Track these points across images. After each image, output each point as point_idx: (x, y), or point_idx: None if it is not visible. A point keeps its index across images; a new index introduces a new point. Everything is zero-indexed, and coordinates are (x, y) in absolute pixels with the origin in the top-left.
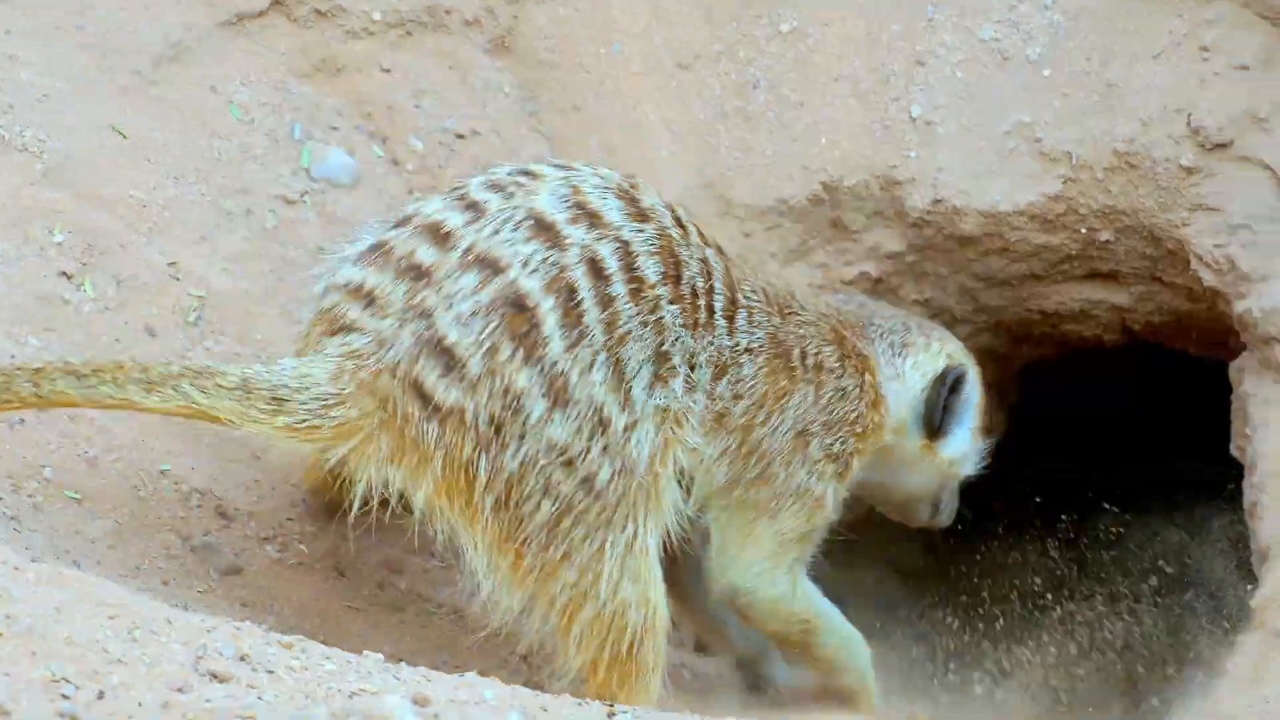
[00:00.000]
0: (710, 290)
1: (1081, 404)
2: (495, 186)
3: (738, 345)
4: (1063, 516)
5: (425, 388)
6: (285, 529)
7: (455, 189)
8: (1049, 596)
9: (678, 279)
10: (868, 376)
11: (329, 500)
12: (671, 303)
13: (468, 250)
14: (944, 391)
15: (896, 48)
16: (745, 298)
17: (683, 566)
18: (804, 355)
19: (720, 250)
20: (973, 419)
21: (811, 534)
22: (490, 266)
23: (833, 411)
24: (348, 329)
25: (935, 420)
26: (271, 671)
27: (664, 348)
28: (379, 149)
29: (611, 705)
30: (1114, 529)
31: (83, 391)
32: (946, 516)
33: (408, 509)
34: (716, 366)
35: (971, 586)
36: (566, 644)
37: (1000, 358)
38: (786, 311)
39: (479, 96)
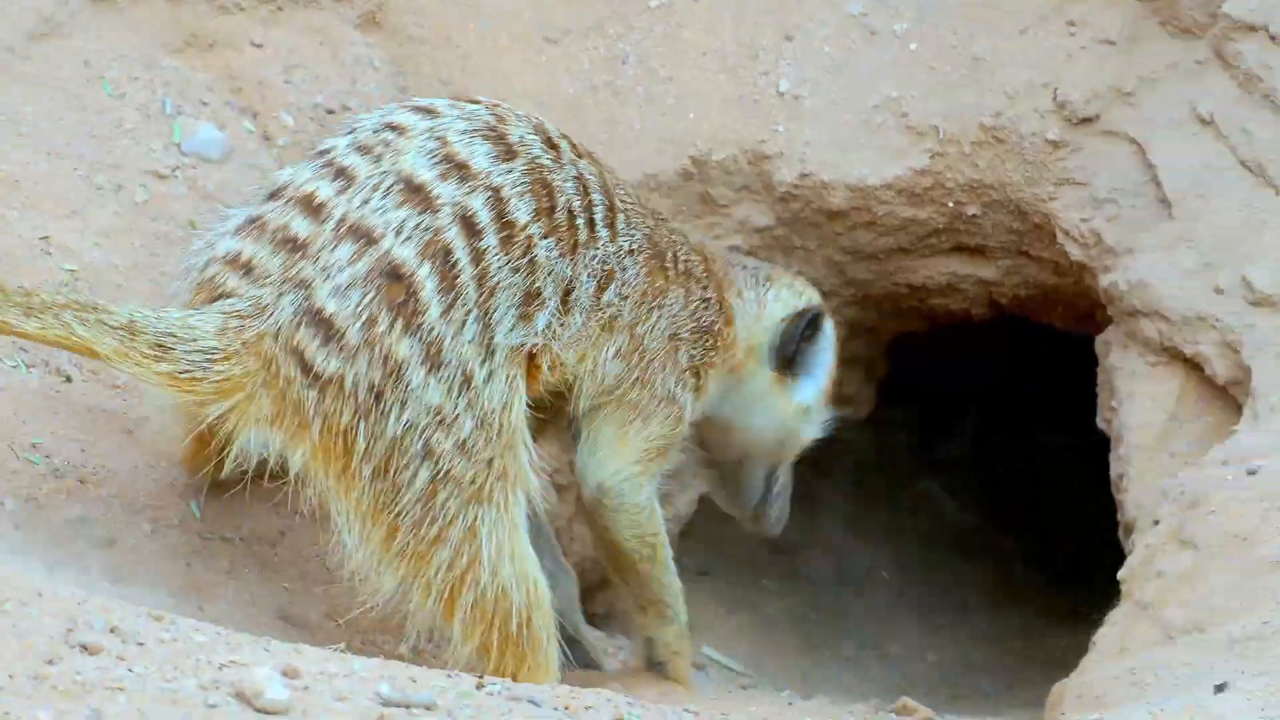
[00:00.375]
0: (589, 205)
1: (950, 379)
2: (362, 148)
3: (621, 248)
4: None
5: (305, 356)
6: (159, 502)
7: (323, 153)
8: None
9: (552, 209)
10: (726, 294)
11: (204, 475)
12: (545, 237)
13: (341, 221)
14: (802, 325)
15: (764, 22)
16: (622, 201)
17: None
18: (675, 259)
19: (593, 158)
20: (826, 374)
21: (670, 448)
22: (364, 237)
23: (698, 319)
24: (228, 296)
25: (789, 351)
26: (141, 644)
27: (535, 286)
28: (250, 124)
29: (481, 677)
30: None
31: None
32: (776, 515)
33: (283, 472)
34: (602, 276)
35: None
36: (451, 629)
37: (868, 331)
38: (658, 217)
39: (349, 72)
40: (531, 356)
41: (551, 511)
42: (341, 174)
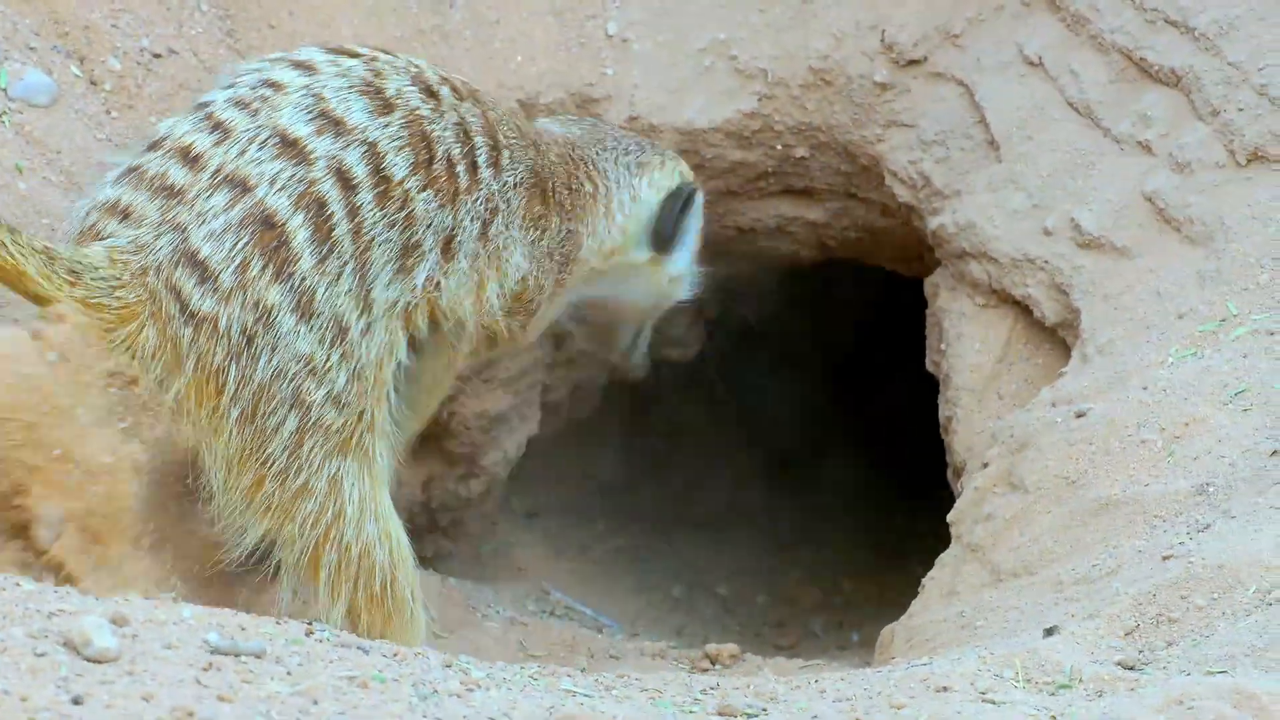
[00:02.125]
0: (471, 150)
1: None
2: (240, 104)
3: (505, 184)
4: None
5: (182, 294)
6: None
7: (202, 105)
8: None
9: (430, 160)
10: (611, 198)
11: None
12: (424, 189)
13: (217, 171)
14: (677, 207)
15: None
16: (505, 137)
17: None
18: (554, 189)
19: (477, 97)
20: (695, 240)
21: (530, 305)
22: (239, 185)
23: (564, 248)
24: (106, 238)
25: (666, 234)
26: None
27: (413, 239)
28: (76, 69)
29: (310, 624)
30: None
31: None
32: (641, 355)
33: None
34: (487, 216)
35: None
36: (317, 588)
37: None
38: (538, 145)
39: (175, 15)
40: (409, 312)
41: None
42: (219, 127)
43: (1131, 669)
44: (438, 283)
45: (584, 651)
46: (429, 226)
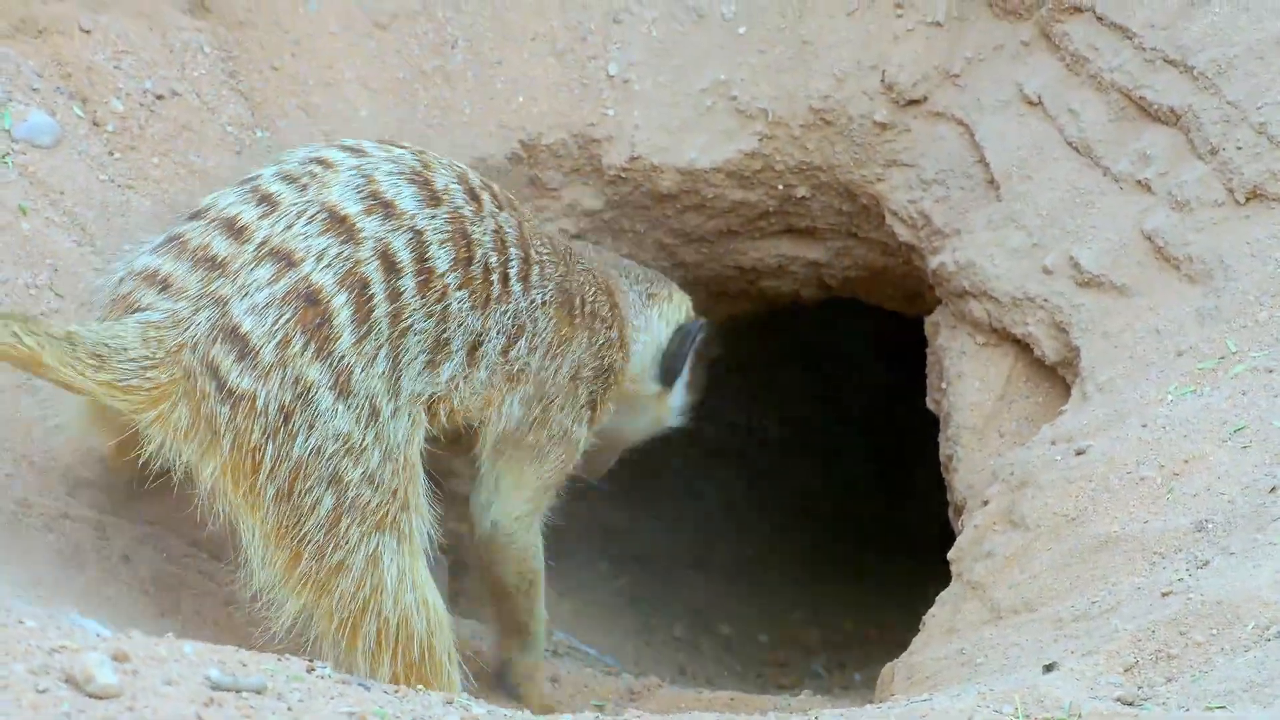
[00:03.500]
0: (506, 260)
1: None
2: (288, 178)
3: (533, 301)
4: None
5: (220, 370)
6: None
7: (248, 180)
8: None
9: (469, 260)
10: (625, 329)
11: (130, 479)
12: (460, 288)
13: (263, 243)
14: (687, 342)
15: (593, 6)
16: (537, 253)
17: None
18: (583, 303)
19: (514, 206)
20: (690, 370)
21: (560, 482)
22: (285, 259)
23: (601, 358)
24: (144, 310)
25: (676, 369)
26: None
27: (445, 335)
28: (79, 110)
29: (312, 661)
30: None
31: None
32: (606, 468)
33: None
34: (512, 332)
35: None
36: (355, 660)
37: (699, 314)
38: (569, 258)
39: (178, 57)
40: (430, 404)
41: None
42: (266, 200)
43: (1131, 705)
44: (458, 384)
45: (590, 693)
46: (460, 326)
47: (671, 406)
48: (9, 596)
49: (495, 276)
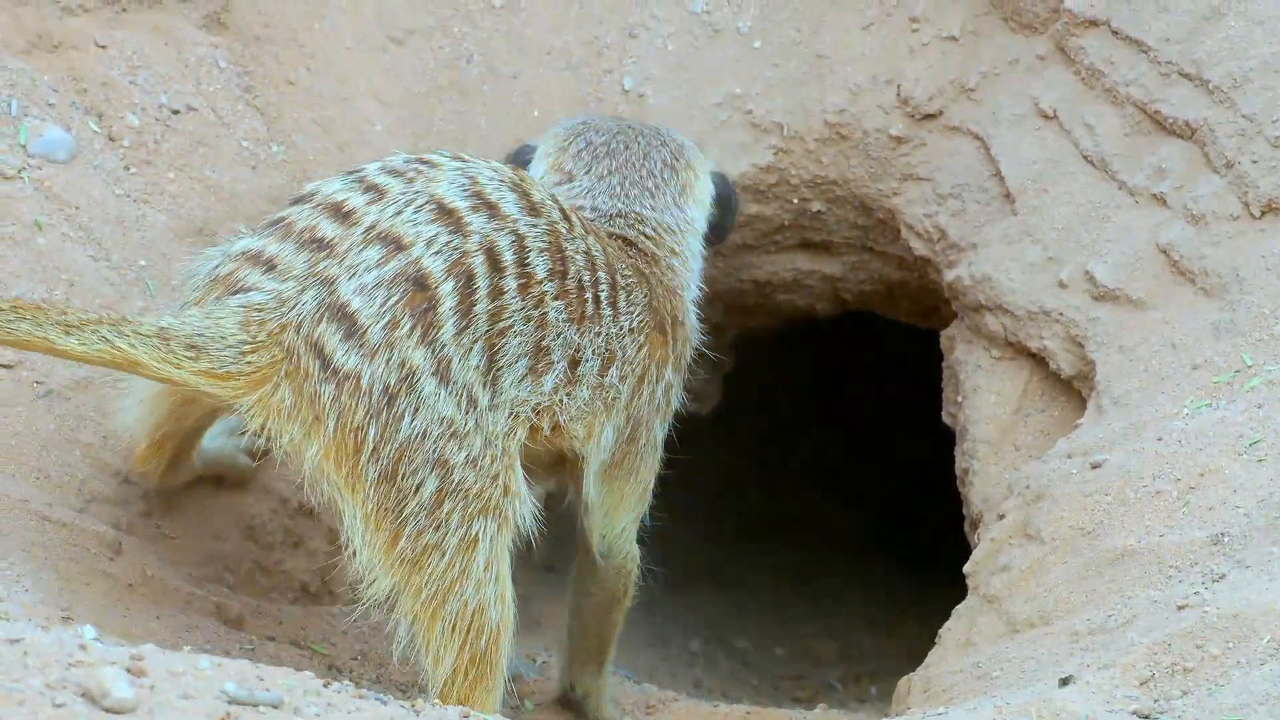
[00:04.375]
0: (595, 282)
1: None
2: (394, 172)
3: (622, 328)
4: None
5: (325, 349)
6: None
7: (352, 173)
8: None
9: (564, 274)
10: (686, 295)
11: (154, 485)
12: (557, 298)
13: (371, 227)
14: (730, 210)
15: (608, 20)
16: (623, 277)
17: None
18: (674, 318)
19: (598, 233)
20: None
21: (652, 482)
22: (394, 243)
23: (682, 360)
24: (246, 290)
25: (728, 225)
26: None
27: (545, 343)
28: (95, 125)
29: (329, 681)
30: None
31: (1, 325)
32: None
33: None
34: (605, 355)
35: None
36: (431, 639)
37: (714, 328)
38: (650, 276)
39: (194, 72)
40: (536, 413)
41: None
42: (373, 189)
43: (1147, 718)
44: (562, 398)
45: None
46: (559, 337)
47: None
48: (24, 611)
49: (589, 295)
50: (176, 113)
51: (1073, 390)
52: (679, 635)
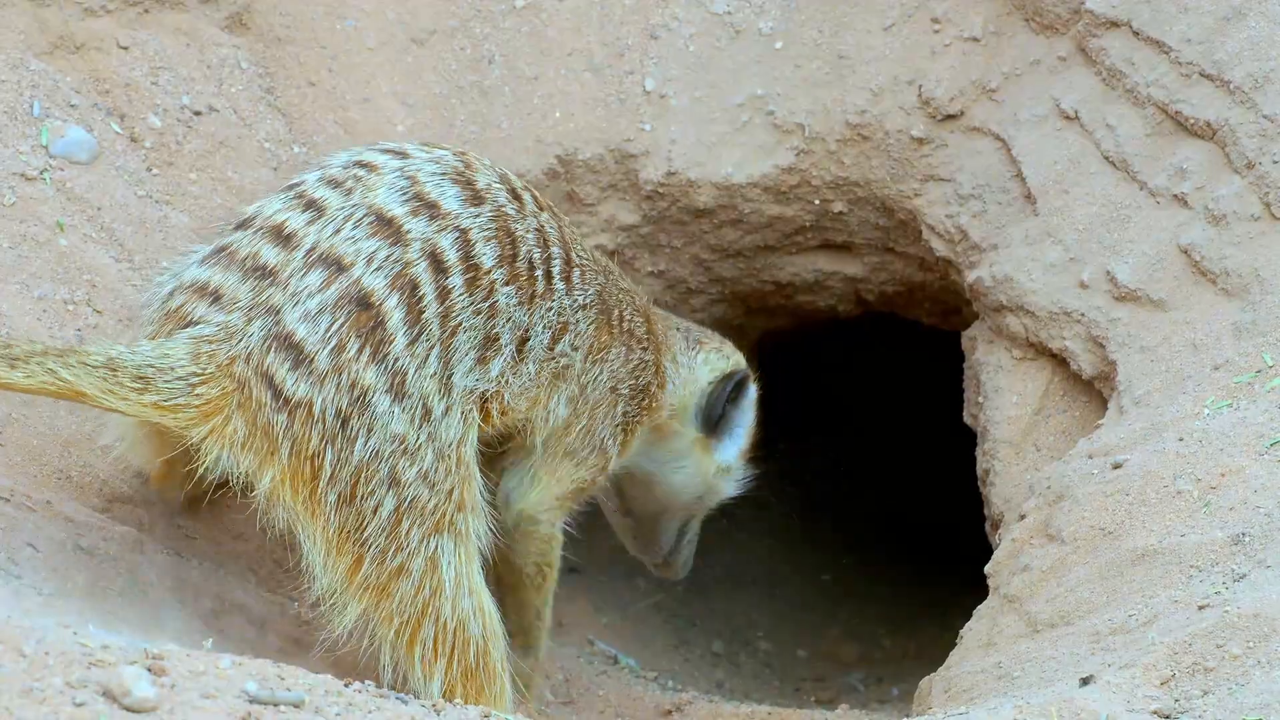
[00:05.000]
0: (548, 258)
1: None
2: (333, 183)
3: (575, 302)
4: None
5: (275, 379)
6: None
7: (292, 186)
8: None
9: (514, 257)
10: (661, 356)
11: (175, 496)
12: (507, 284)
13: (311, 249)
14: (728, 389)
15: (630, 21)
16: (578, 256)
17: None
18: (620, 317)
19: (554, 212)
20: (747, 435)
21: (588, 490)
22: (334, 265)
23: (636, 378)
24: (195, 323)
25: (715, 414)
26: (4, 640)
27: (494, 331)
28: (117, 126)
29: (349, 681)
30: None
31: None
32: (684, 561)
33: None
34: (557, 328)
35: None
36: (413, 664)
37: (736, 329)
38: (609, 273)
39: (216, 73)
40: (483, 401)
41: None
42: (312, 205)
43: (1168, 718)
44: (508, 378)
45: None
46: (509, 321)
47: (720, 464)
48: (43, 611)
49: (539, 273)
50: (198, 114)
51: (1094, 391)
52: (702, 637)
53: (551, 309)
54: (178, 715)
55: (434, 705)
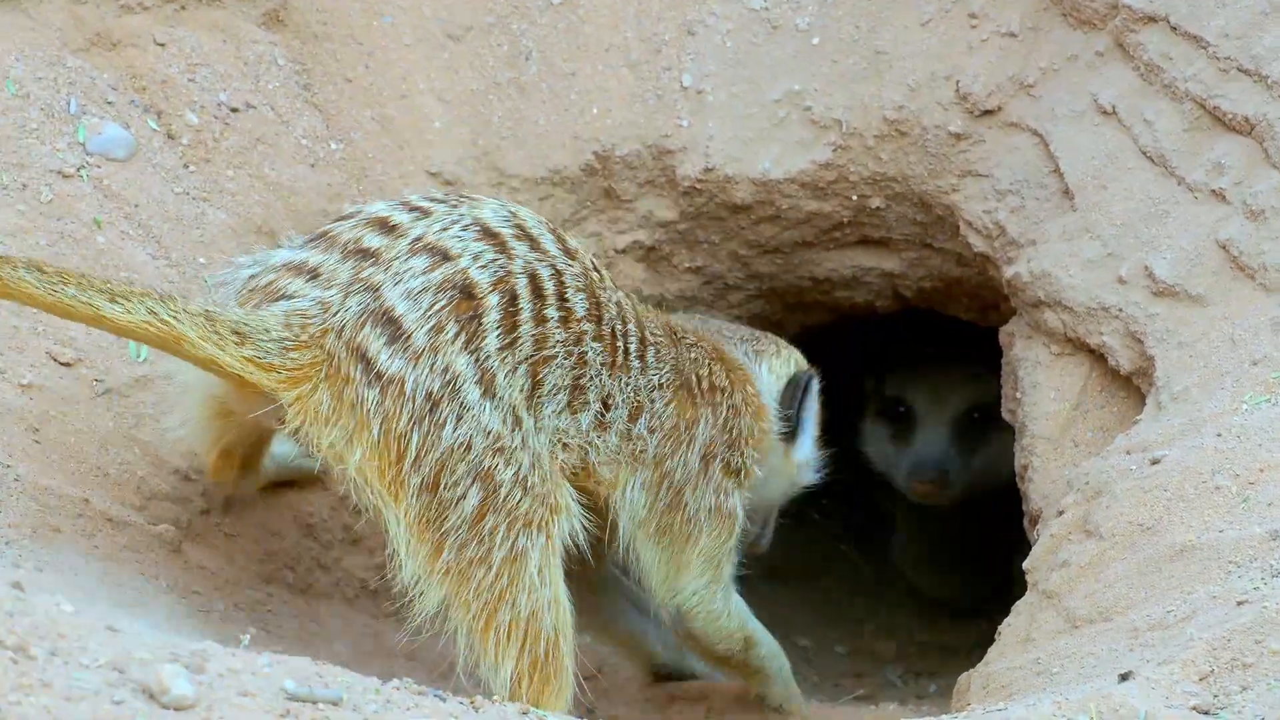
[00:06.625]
0: (625, 333)
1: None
2: (437, 200)
3: (650, 382)
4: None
5: (368, 354)
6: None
7: (396, 199)
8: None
9: (599, 319)
10: (750, 388)
11: (230, 492)
12: (594, 340)
13: (418, 239)
14: (799, 395)
15: (667, 17)
16: (651, 334)
17: (593, 583)
18: (699, 379)
19: (625, 293)
20: (816, 424)
21: (732, 548)
22: (440, 254)
23: (730, 430)
24: (288, 297)
25: (793, 421)
26: (44, 638)
27: (581, 381)
28: (154, 123)
29: (386, 680)
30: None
31: (46, 287)
32: (768, 540)
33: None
34: (633, 407)
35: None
36: (486, 650)
37: (774, 325)
38: (678, 338)
39: (253, 70)
40: (568, 451)
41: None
42: (418, 210)
43: (1207, 714)
44: (594, 438)
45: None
46: (595, 378)
47: (798, 461)
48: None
49: (620, 344)
50: (235, 110)
51: (1132, 386)
52: None
53: (629, 385)
54: (216, 713)
55: (471, 702)
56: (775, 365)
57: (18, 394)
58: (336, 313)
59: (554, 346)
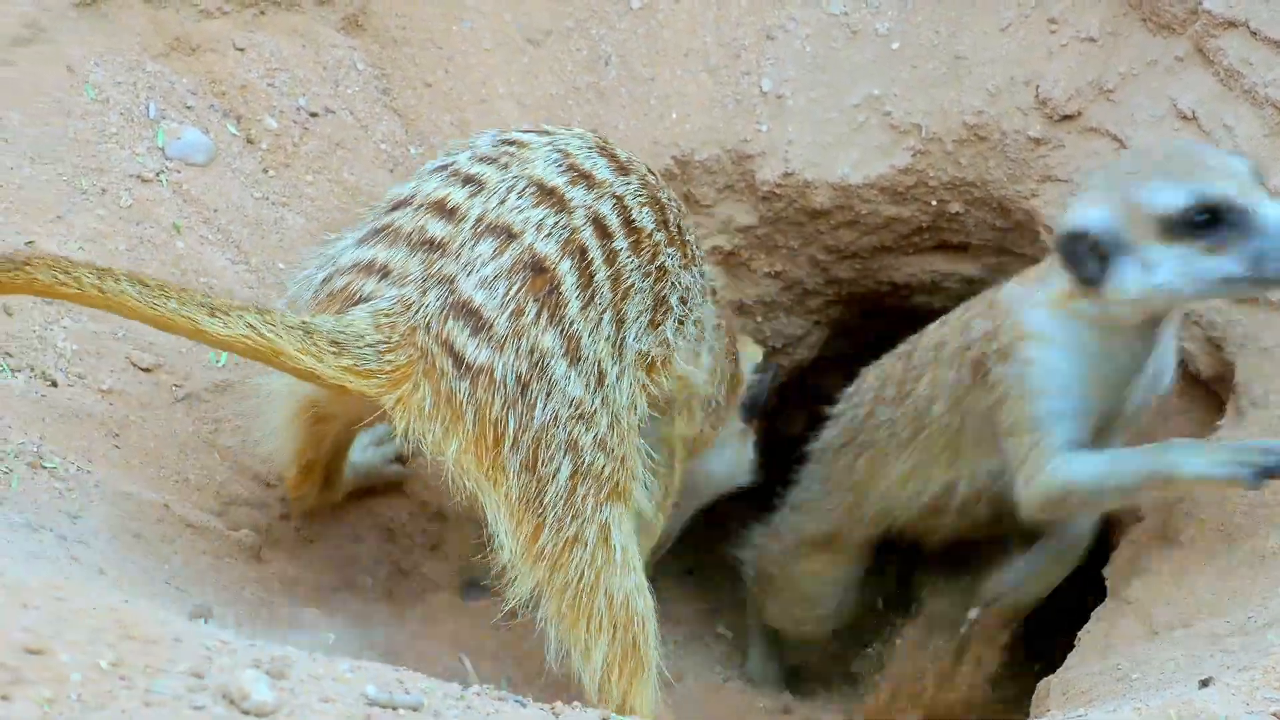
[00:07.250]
0: (681, 231)
1: None
2: (486, 159)
3: (697, 281)
4: None
5: (455, 347)
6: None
7: (444, 166)
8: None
9: (666, 222)
10: (736, 350)
11: (311, 505)
12: (669, 245)
13: (479, 220)
14: (767, 379)
15: (746, 22)
16: (690, 237)
17: None
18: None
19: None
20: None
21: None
22: (504, 233)
23: (728, 368)
24: (367, 299)
25: (758, 405)
26: (120, 645)
27: (662, 293)
28: (233, 127)
29: (467, 684)
30: None
31: (145, 300)
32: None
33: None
34: (697, 296)
35: None
36: (578, 638)
37: (852, 330)
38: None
39: (332, 74)
40: (650, 365)
41: None
42: (470, 180)
43: None
44: (676, 342)
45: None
46: (675, 282)
47: (746, 457)
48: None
49: (689, 238)
50: (315, 115)
51: (1211, 392)
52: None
53: (691, 276)
54: (297, 718)
55: (552, 708)
56: (750, 349)
57: (98, 399)
58: (418, 310)
59: (629, 276)
